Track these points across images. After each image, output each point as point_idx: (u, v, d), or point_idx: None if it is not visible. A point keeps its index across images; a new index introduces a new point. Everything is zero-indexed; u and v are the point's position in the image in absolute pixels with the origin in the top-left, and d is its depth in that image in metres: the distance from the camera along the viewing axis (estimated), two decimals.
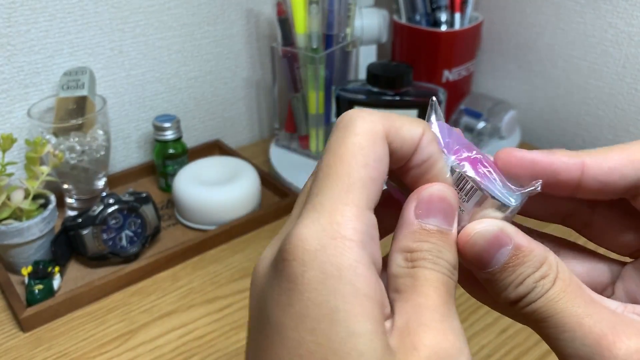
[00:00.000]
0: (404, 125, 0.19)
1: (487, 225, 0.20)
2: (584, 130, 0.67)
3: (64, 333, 0.44)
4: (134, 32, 0.60)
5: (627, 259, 0.22)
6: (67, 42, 0.56)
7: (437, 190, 0.20)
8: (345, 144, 0.18)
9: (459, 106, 0.67)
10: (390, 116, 0.19)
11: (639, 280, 0.22)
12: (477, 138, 0.65)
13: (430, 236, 0.19)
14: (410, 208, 0.19)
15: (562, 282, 0.19)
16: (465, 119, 0.66)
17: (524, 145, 0.71)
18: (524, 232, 0.20)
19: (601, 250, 0.23)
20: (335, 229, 0.17)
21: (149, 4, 0.60)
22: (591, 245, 0.24)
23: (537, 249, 0.20)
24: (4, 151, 0.47)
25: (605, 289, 0.23)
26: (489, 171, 0.20)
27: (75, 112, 0.53)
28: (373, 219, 0.18)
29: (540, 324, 0.19)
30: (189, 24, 0.64)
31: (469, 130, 0.66)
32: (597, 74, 0.64)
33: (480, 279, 0.20)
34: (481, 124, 0.65)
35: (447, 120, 0.66)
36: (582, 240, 0.23)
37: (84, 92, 0.53)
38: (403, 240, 0.19)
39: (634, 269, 0.22)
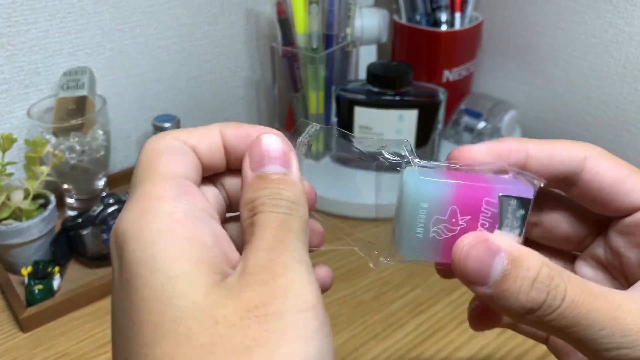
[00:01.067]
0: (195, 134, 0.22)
1: (471, 239, 0.20)
2: (584, 130, 0.67)
3: (63, 333, 0.44)
4: (134, 32, 0.60)
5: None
6: (67, 42, 0.56)
7: (263, 141, 0.21)
8: (141, 154, 0.21)
9: (459, 106, 0.67)
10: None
11: (615, 248, 0.23)
12: (477, 138, 0.65)
13: (268, 183, 0.20)
14: (246, 164, 0.21)
15: (572, 281, 0.20)
16: (466, 119, 0.66)
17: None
18: None
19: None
20: (147, 196, 0.19)
21: (149, 4, 0.60)
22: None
23: (527, 252, 0.20)
24: (3, 151, 0.47)
25: (583, 241, 0.25)
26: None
27: (75, 112, 0.53)
28: (186, 182, 0.20)
29: (570, 329, 0.19)
30: (189, 24, 0.64)
31: (469, 130, 0.66)
32: (598, 74, 0.64)
33: (491, 302, 0.20)
34: (481, 124, 0.65)
35: (446, 120, 0.66)
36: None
37: (83, 92, 0.53)
38: (245, 194, 0.20)
39: (616, 232, 0.23)
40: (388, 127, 0.58)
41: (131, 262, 0.17)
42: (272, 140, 0.21)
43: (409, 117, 0.58)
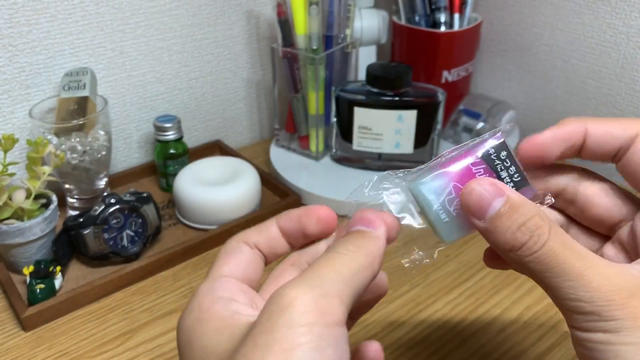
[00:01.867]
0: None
1: (484, 180, 0.24)
2: None
3: (65, 332, 0.44)
4: (135, 33, 0.60)
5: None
6: (69, 42, 0.57)
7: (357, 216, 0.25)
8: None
9: (458, 107, 0.67)
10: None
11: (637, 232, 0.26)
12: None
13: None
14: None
15: (558, 236, 0.23)
16: (464, 120, 0.66)
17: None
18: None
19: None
20: (196, 294, 0.25)
21: (150, 5, 0.60)
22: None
23: (527, 203, 0.23)
24: (5, 151, 0.47)
25: (616, 225, 0.27)
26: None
27: (76, 112, 0.53)
28: (227, 279, 0.25)
29: (544, 273, 0.23)
30: (190, 25, 0.64)
31: (468, 130, 0.66)
32: (596, 75, 0.64)
33: (485, 236, 0.24)
34: (480, 125, 0.65)
35: (445, 120, 0.67)
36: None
37: (85, 93, 0.53)
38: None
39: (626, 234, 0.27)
40: (387, 127, 0.59)
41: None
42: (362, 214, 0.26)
43: (408, 118, 0.58)
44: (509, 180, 0.26)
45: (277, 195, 0.61)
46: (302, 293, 0.20)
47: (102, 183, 0.57)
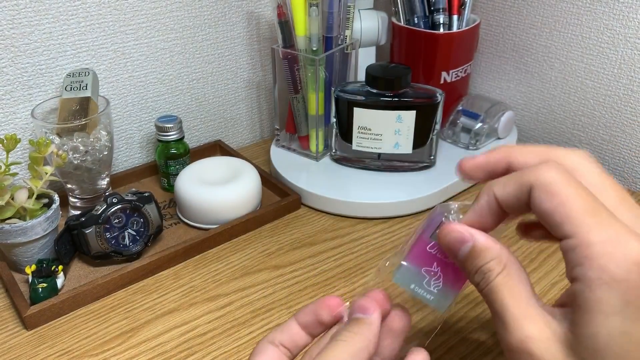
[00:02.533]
0: None
1: (456, 227, 0.28)
2: (580, 131, 0.68)
3: (67, 331, 0.45)
4: (137, 34, 0.61)
5: None
6: (71, 43, 0.57)
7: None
8: None
9: (457, 107, 0.68)
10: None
11: None
12: (474, 139, 0.66)
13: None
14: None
15: (506, 277, 0.26)
16: (463, 120, 0.67)
17: (517, 145, 0.71)
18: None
19: None
20: None
21: (151, 7, 0.60)
22: None
23: (492, 247, 0.27)
24: (8, 151, 0.47)
25: None
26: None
27: (78, 112, 0.53)
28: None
29: (488, 305, 0.27)
30: (191, 26, 0.64)
31: (466, 131, 0.67)
32: (594, 75, 0.65)
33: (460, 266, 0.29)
34: (478, 125, 0.65)
35: (444, 121, 0.67)
36: None
37: (87, 93, 0.53)
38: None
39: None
40: (387, 127, 0.59)
41: None
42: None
43: (407, 118, 0.58)
44: None
45: (277, 195, 0.61)
46: None
47: (103, 183, 0.57)
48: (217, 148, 0.70)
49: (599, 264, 0.22)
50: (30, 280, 0.46)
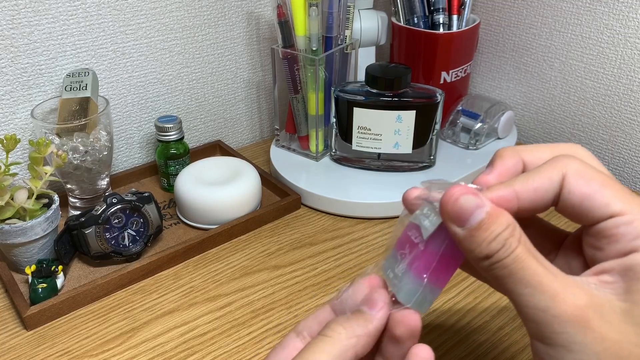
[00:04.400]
0: None
1: (467, 189, 0.25)
2: (580, 131, 0.68)
3: (66, 331, 0.45)
4: (136, 34, 0.61)
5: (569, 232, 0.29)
6: (70, 44, 0.57)
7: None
8: None
9: (457, 107, 0.68)
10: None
11: (575, 252, 0.28)
12: (474, 139, 0.66)
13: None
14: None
15: (524, 244, 0.24)
16: (463, 120, 0.67)
17: (521, 145, 0.71)
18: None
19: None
20: None
21: (151, 7, 0.60)
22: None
23: (504, 212, 0.24)
24: (7, 152, 0.47)
25: (549, 254, 0.29)
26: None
27: (78, 113, 0.53)
28: None
29: (506, 279, 0.24)
30: (191, 26, 0.64)
31: (466, 131, 0.67)
32: (593, 75, 0.65)
33: (457, 238, 0.25)
34: (478, 125, 0.65)
35: (444, 121, 0.67)
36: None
37: (86, 94, 0.53)
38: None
39: (572, 242, 0.28)
40: (386, 127, 0.59)
41: None
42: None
43: (407, 118, 0.58)
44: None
45: (277, 195, 0.61)
46: None
47: (103, 183, 0.57)
48: (217, 148, 0.70)
49: None
50: (30, 281, 0.46)
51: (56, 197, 0.50)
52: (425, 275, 0.26)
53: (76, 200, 0.57)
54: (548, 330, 0.23)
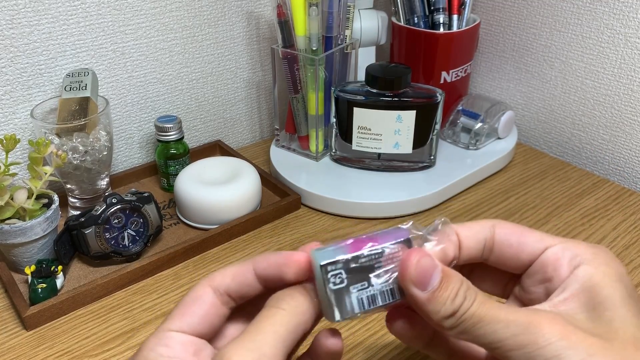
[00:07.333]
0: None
1: (421, 252, 0.25)
2: (580, 131, 0.68)
3: (66, 331, 0.45)
4: (136, 34, 0.61)
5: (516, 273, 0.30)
6: (70, 44, 0.57)
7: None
8: None
9: (457, 107, 0.68)
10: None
11: (526, 289, 0.29)
12: (474, 139, 0.66)
13: None
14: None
15: (479, 292, 0.26)
16: (463, 120, 0.67)
17: (520, 145, 0.71)
18: None
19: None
20: (143, 347, 0.27)
21: (151, 7, 0.60)
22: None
23: (451, 271, 0.26)
24: (7, 152, 0.47)
25: (504, 289, 0.31)
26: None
27: (78, 113, 0.53)
28: (169, 334, 0.27)
29: (477, 325, 0.25)
30: (190, 26, 0.64)
31: (466, 131, 0.67)
32: (594, 75, 0.65)
33: (418, 302, 0.25)
34: (478, 125, 0.65)
35: (444, 121, 0.67)
36: None
37: (86, 94, 0.53)
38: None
39: (525, 280, 0.30)
40: (387, 127, 0.59)
41: None
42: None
43: (407, 118, 0.58)
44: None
45: (277, 195, 0.61)
46: (241, 357, 0.22)
47: (103, 183, 0.57)
48: (217, 148, 0.70)
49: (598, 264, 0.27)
50: (29, 281, 0.46)
51: (56, 197, 0.50)
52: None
53: (76, 200, 0.57)
54: (533, 348, 0.24)
